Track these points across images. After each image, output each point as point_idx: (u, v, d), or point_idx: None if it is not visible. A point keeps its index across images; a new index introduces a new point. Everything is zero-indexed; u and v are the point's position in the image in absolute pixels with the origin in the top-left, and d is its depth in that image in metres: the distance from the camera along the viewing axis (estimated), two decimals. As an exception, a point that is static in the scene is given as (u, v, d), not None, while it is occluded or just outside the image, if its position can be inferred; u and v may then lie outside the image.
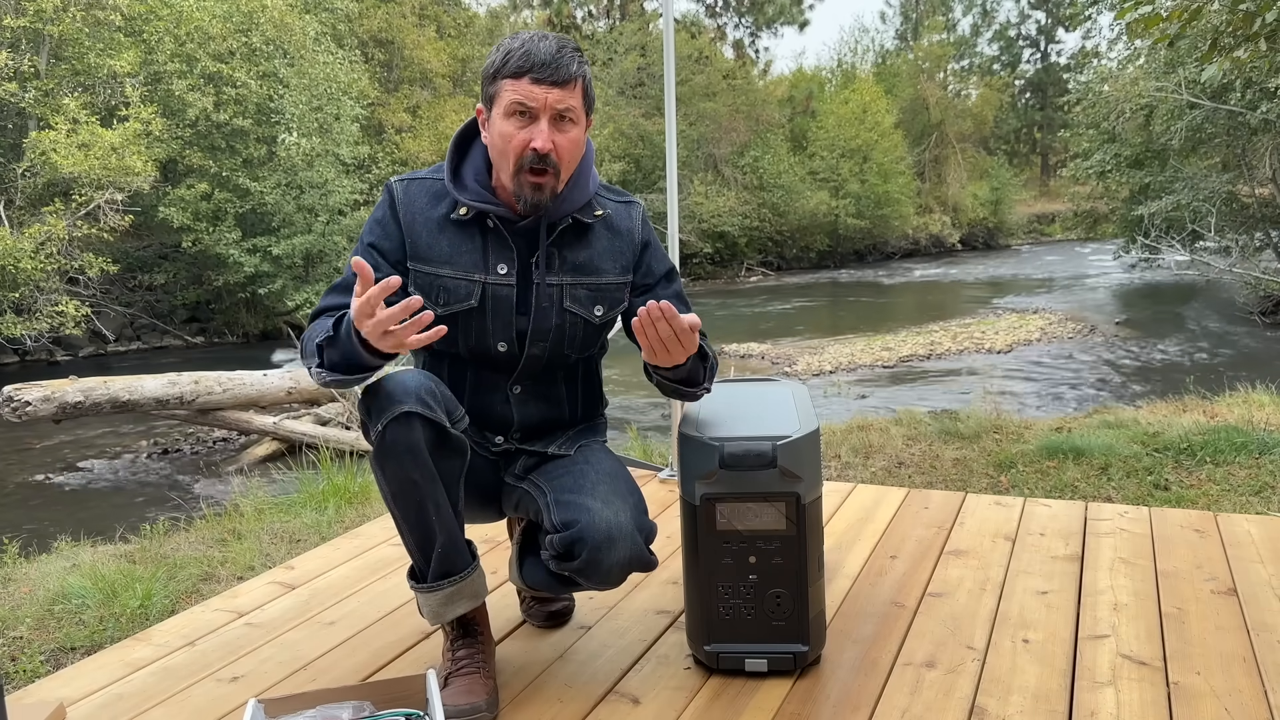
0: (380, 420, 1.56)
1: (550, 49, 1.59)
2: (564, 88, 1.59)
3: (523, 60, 1.58)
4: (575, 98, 1.62)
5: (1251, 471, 3.77)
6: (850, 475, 4.14)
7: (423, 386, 1.59)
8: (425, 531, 1.64)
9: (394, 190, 1.75)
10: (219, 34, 15.65)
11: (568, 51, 1.61)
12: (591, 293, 1.76)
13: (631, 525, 1.64)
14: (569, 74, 1.59)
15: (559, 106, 1.59)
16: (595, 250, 1.77)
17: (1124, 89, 14.72)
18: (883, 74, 36.40)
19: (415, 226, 1.72)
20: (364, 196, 17.04)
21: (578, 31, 29.86)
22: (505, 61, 1.60)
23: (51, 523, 6.05)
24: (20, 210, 14.03)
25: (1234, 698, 1.67)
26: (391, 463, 1.57)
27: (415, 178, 1.76)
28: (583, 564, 1.61)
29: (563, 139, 1.62)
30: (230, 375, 7.67)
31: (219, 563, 3.23)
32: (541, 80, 1.58)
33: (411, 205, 1.73)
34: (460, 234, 1.71)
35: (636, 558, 1.65)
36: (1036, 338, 13.28)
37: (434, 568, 1.67)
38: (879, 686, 1.76)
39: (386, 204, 1.75)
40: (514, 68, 1.58)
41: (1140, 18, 4.67)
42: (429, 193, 1.74)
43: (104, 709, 1.81)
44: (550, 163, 1.61)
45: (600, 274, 1.76)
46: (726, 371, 10.80)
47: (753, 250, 27.05)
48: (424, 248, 1.71)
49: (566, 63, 1.59)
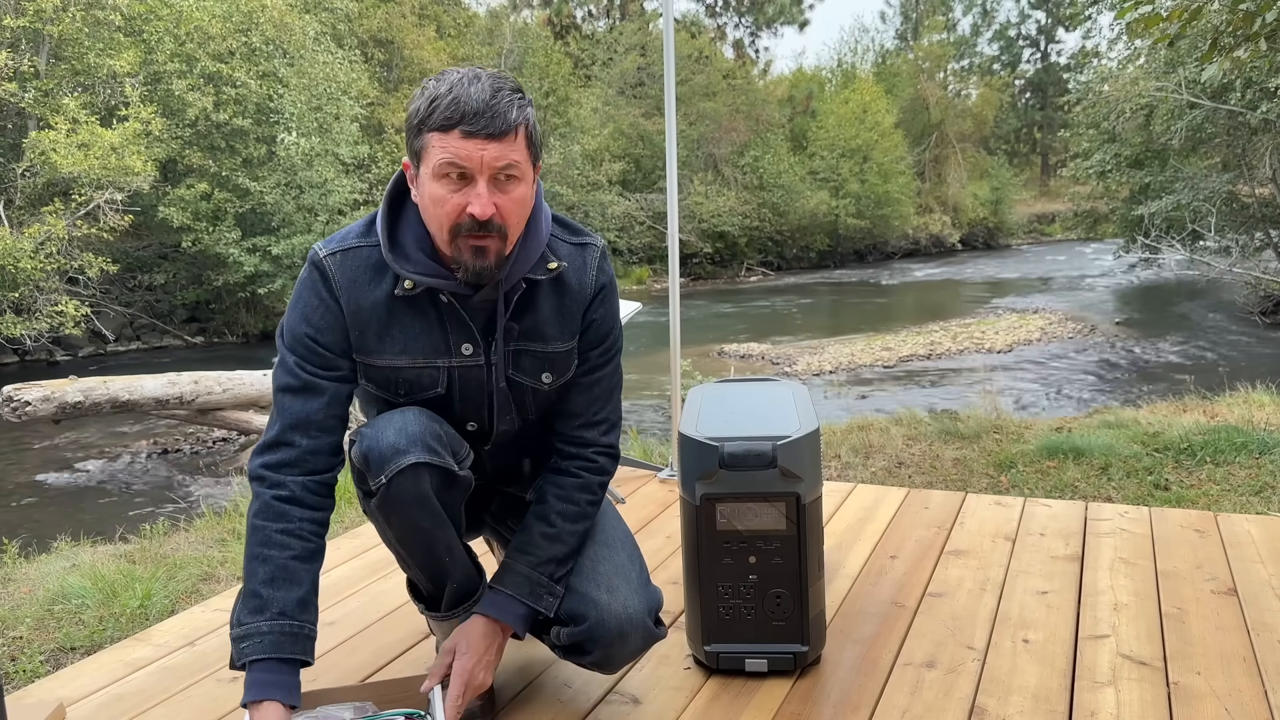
0: (384, 472, 1.44)
1: (483, 95, 1.32)
2: (502, 140, 1.33)
3: (451, 110, 1.32)
4: (518, 150, 1.36)
5: (1251, 471, 3.77)
6: (850, 475, 4.14)
7: (428, 430, 1.46)
8: (437, 569, 1.60)
9: (326, 269, 1.47)
10: (219, 34, 15.65)
11: (505, 95, 1.34)
12: (537, 360, 1.57)
13: (643, 613, 1.58)
14: (507, 124, 1.33)
15: (498, 164, 1.34)
16: (541, 314, 1.54)
17: (1124, 89, 14.71)
18: (883, 74, 36.41)
19: (361, 315, 1.48)
20: (364, 196, 17.04)
21: (578, 31, 29.85)
22: (431, 111, 1.33)
23: (51, 523, 6.05)
24: (20, 210, 14.02)
25: (1234, 698, 1.67)
26: (398, 514, 1.48)
27: (347, 248, 1.48)
28: (595, 660, 1.58)
29: (506, 200, 1.37)
30: (230, 375, 7.65)
31: (219, 563, 3.23)
32: (474, 134, 1.32)
33: (352, 288, 1.47)
34: (411, 313, 1.49)
35: (649, 641, 1.61)
36: (1037, 338, 13.28)
37: (448, 599, 1.64)
38: (879, 686, 1.76)
39: (320, 286, 1.47)
40: (441, 119, 1.32)
41: (1140, 17, 4.67)
42: (367, 267, 1.47)
43: (104, 709, 1.81)
44: (493, 227, 1.37)
45: (547, 340, 1.56)
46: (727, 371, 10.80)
47: (753, 250, 27.05)
48: (373, 339, 1.49)
49: (504, 110, 1.33)
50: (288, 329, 1.50)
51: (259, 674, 1.39)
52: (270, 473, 1.46)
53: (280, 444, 1.47)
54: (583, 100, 24.93)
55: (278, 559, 1.43)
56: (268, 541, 1.43)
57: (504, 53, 24.70)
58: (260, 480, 1.46)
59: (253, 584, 1.42)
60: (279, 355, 1.51)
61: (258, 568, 1.42)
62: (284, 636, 1.41)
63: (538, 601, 1.56)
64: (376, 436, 1.45)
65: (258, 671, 1.39)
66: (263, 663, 1.39)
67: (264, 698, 1.38)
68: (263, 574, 1.42)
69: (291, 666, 1.42)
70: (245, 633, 1.40)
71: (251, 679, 1.40)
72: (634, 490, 3.09)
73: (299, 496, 1.46)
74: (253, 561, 1.43)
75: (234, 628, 1.42)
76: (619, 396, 1.69)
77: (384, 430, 1.45)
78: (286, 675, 1.42)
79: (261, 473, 1.47)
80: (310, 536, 1.46)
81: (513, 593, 1.55)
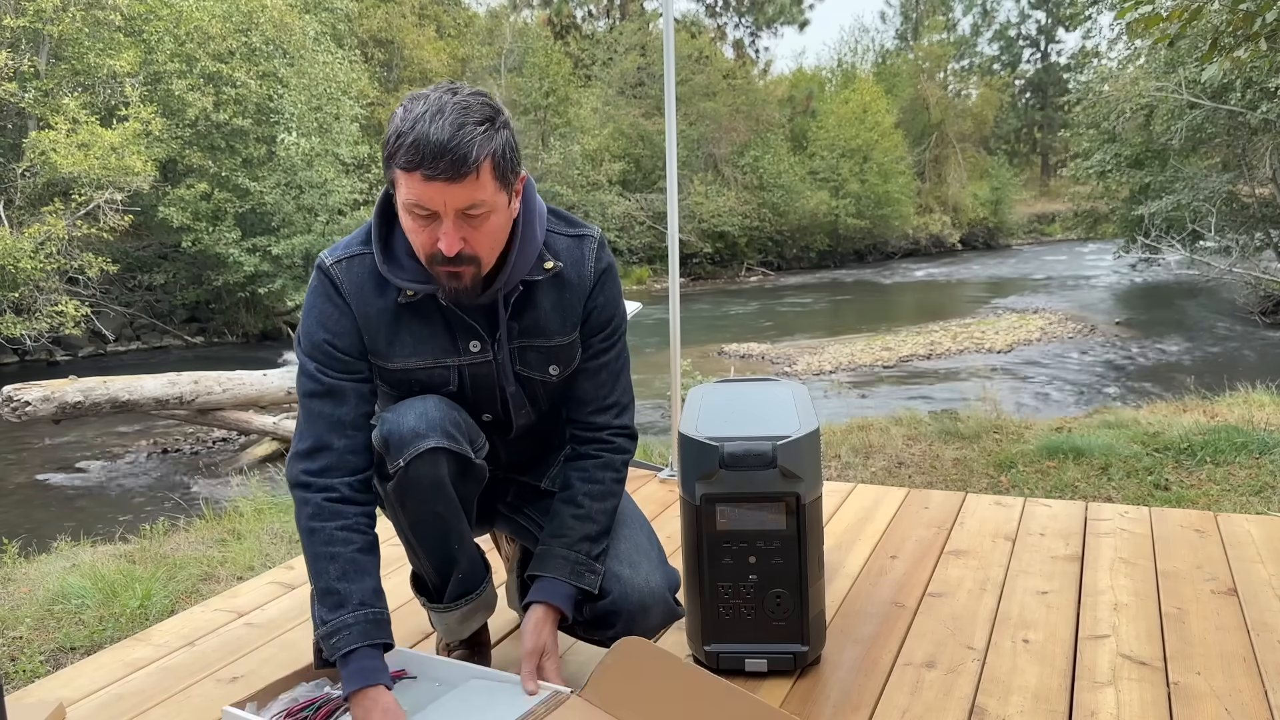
0: (402, 455, 1.47)
1: (441, 135, 1.29)
2: (464, 181, 1.32)
3: (411, 154, 1.30)
4: (481, 188, 1.34)
5: (1252, 471, 3.77)
6: (850, 475, 4.14)
7: (447, 417, 1.50)
8: (446, 558, 1.61)
9: (334, 276, 1.51)
10: (219, 34, 15.65)
11: (467, 131, 1.30)
12: (542, 354, 1.60)
13: (663, 588, 1.63)
14: (467, 166, 1.31)
15: (460, 205, 1.34)
16: (541, 311, 1.57)
17: (1124, 89, 14.72)
18: (883, 74, 36.42)
19: (370, 320, 1.52)
20: (364, 196, 17.04)
21: (577, 31, 29.87)
22: (397, 148, 1.33)
23: (51, 523, 6.05)
24: (20, 210, 14.03)
25: (1234, 698, 1.67)
26: (413, 498, 1.51)
27: (351, 255, 1.52)
28: (617, 633, 1.59)
29: (476, 234, 1.38)
30: (230, 375, 7.66)
31: (219, 563, 3.23)
32: (434, 177, 1.31)
33: (359, 294, 1.51)
34: (417, 318, 1.52)
35: (670, 618, 1.65)
36: (1037, 338, 13.28)
37: (452, 590, 1.65)
38: (879, 686, 1.76)
39: (330, 292, 1.52)
40: (403, 161, 1.32)
41: (1140, 17, 4.67)
42: (371, 274, 1.51)
43: (104, 709, 1.81)
44: (463, 259, 1.39)
45: (549, 335, 1.59)
46: (727, 371, 10.80)
47: (753, 250, 27.06)
48: (384, 344, 1.53)
49: (464, 150, 1.30)
50: (304, 336, 1.54)
51: (357, 663, 1.44)
52: (315, 478, 1.50)
53: (318, 450, 1.51)
54: (583, 100, 24.93)
55: (345, 554, 1.48)
56: (331, 540, 1.48)
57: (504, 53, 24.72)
58: (305, 487, 1.50)
59: (326, 582, 1.47)
60: (299, 363, 1.55)
61: (327, 566, 1.47)
62: (370, 625, 1.46)
63: (580, 580, 1.58)
64: (398, 421, 1.49)
65: (355, 661, 1.44)
66: (356, 652, 1.44)
67: (368, 684, 1.44)
68: (334, 571, 1.47)
69: (380, 651, 1.48)
70: (334, 628, 1.45)
71: (351, 670, 1.44)
72: (634, 490, 3.08)
73: (349, 496, 1.51)
74: (320, 561, 1.48)
75: (320, 627, 1.47)
76: (628, 379, 1.72)
77: (405, 415, 1.49)
78: (379, 661, 1.47)
79: (306, 479, 1.50)
80: (367, 530, 1.52)
81: (554, 575, 1.58)
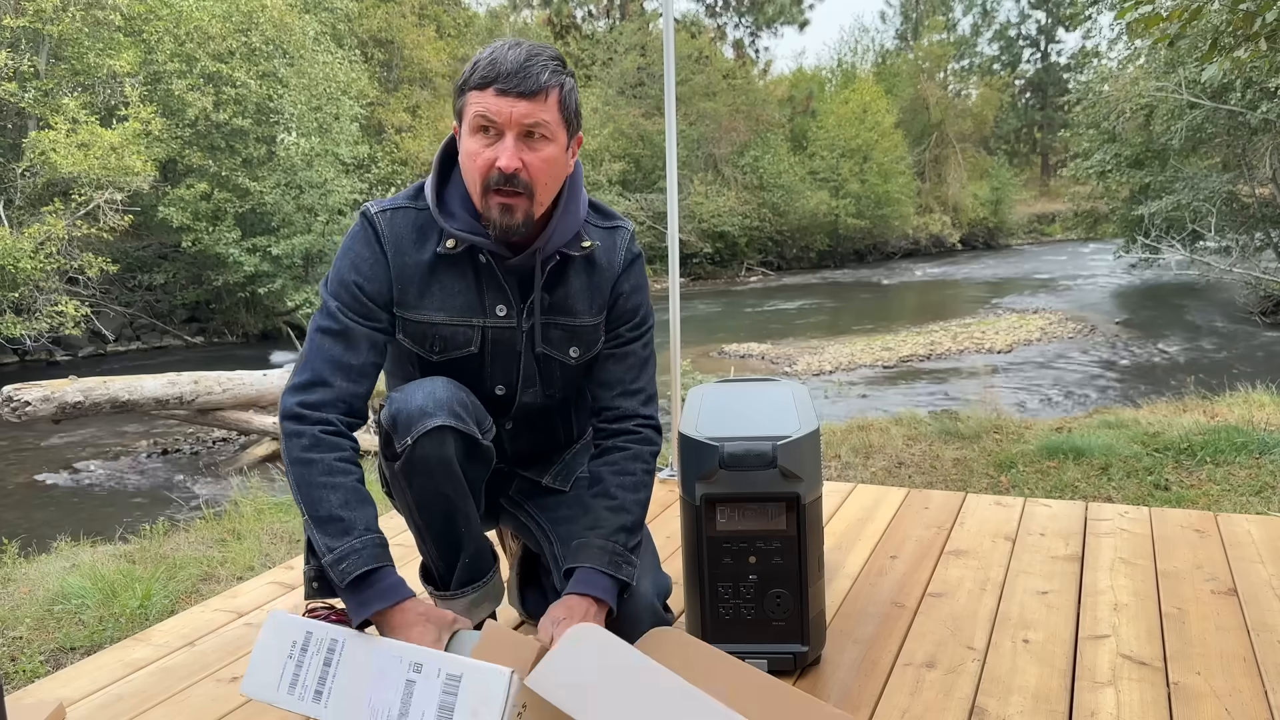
0: (409, 434, 1.48)
1: (518, 57, 1.42)
2: (532, 99, 1.42)
3: (488, 70, 1.42)
4: (548, 111, 1.44)
5: (1252, 471, 3.77)
6: (850, 475, 4.14)
7: (454, 397, 1.51)
8: (452, 542, 1.61)
9: (377, 224, 1.55)
10: (219, 34, 15.65)
11: (540, 60, 1.44)
12: (566, 333, 1.63)
13: (651, 595, 1.62)
14: (538, 84, 1.42)
15: (526, 121, 1.43)
16: (571, 288, 1.62)
17: (1124, 89, 14.73)
18: (883, 74, 36.43)
19: (405, 271, 1.55)
20: (363, 196, 17.05)
21: (577, 31, 29.87)
22: (472, 72, 1.44)
23: (51, 523, 6.05)
24: (20, 210, 14.03)
25: (1234, 698, 1.67)
26: (420, 478, 1.51)
27: (396, 207, 1.57)
28: None
29: (533, 157, 1.45)
30: (230, 375, 7.66)
31: (219, 563, 3.23)
32: (506, 91, 1.41)
33: (399, 244, 1.55)
34: (451, 273, 1.56)
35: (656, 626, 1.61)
36: (1037, 338, 13.28)
37: (458, 576, 1.65)
38: (879, 686, 1.76)
39: (371, 238, 1.55)
40: (479, 79, 1.43)
41: (1140, 17, 4.67)
42: (413, 226, 1.56)
43: (104, 709, 1.80)
44: (519, 183, 1.44)
45: (575, 314, 1.62)
46: (727, 371, 10.80)
47: (753, 250, 27.07)
48: (414, 295, 1.56)
49: (536, 72, 1.42)
50: (334, 277, 1.55)
51: (379, 584, 1.42)
52: (311, 410, 1.48)
53: (317, 383, 1.49)
54: (583, 100, 24.90)
55: (346, 484, 1.46)
56: (331, 470, 1.45)
57: (504, 53, 24.66)
58: (300, 418, 1.47)
59: (327, 510, 1.43)
60: (321, 302, 1.55)
61: (327, 495, 1.44)
62: (379, 548, 1.44)
63: (618, 570, 1.56)
64: (405, 400, 1.50)
65: (376, 582, 1.41)
66: (377, 572, 1.42)
67: (397, 600, 1.41)
68: (335, 499, 1.44)
69: (393, 572, 1.45)
70: (341, 554, 1.41)
71: (371, 592, 1.41)
72: (634, 490, 3.08)
73: (344, 431, 1.50)
74: (320, 490, 1.44)
75: (325, 555, 1.42)
76: (653, 373, 1.73)
77: (413, 395, 1.50)
78: (399, 578, 1.45)
79: (300, 411, 1.48)
80: (359, 467, 1.51)
81: (593, 565, 1.55)
